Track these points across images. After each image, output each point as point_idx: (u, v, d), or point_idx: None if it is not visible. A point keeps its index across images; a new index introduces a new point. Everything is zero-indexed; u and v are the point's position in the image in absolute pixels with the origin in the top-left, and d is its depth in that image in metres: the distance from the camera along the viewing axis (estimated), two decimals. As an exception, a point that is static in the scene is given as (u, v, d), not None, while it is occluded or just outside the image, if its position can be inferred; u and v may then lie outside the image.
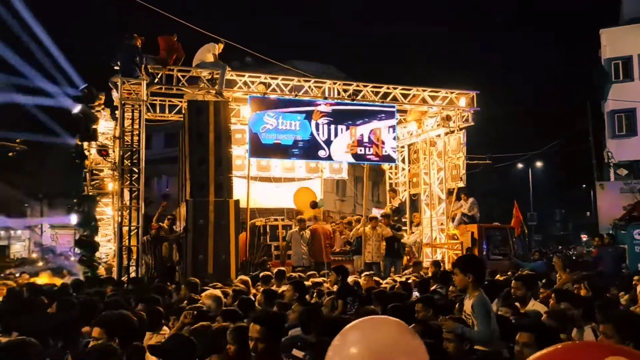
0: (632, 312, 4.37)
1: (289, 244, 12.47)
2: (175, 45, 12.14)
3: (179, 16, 12.46)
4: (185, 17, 12.64)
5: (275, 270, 9.55)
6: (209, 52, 12.30)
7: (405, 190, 16.11)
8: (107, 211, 13.03)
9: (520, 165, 36.92)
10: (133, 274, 10.66)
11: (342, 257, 13.28)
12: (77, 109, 10.60)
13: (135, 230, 10.87)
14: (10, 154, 21.94)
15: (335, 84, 13.12)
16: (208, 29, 12.63)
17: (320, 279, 8.76)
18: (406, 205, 15.98)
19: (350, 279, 8.96)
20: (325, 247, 12.59)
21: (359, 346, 1.63)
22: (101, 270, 11.84)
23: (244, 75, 12.64)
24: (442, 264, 12.17)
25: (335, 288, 7.05)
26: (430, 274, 10.51)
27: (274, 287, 7.67)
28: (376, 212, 19.07)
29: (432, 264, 11.51)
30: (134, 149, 11.11)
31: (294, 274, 10.09)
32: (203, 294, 5.99)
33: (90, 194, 11.59)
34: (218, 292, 6.01)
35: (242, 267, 11.71)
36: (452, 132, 14.10)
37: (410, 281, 8.77)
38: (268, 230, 13.18)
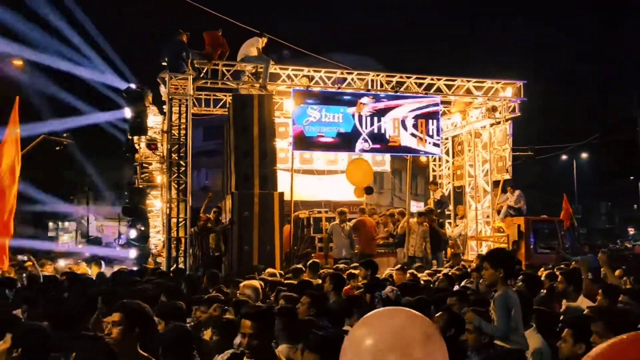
0: (623, 308, 4.20)
1: (330, 236, 12.51)
2: (220, 40, 12.33)
3: (218, 11, 12.65)
4: (224, 11, 12.83)
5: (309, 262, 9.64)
6: (252, 47, 12.43)
7: (449, 183, 15.92)
8: (155, 203, 13.38)
9: (564, 157, 35.87)
10: (182, 265, 10.93)
11: (385, 250, 13.26)
12: (127, 103, 10.90)
13: (183, 222, 11.12)
14: (58, 147, 22.69)
15: (378, 75, 13.05)
16: (245, 23, 12.81)
17: (356, 272, 8.75)
18: (449, 197, 15.78)
19: (389, 272, 9.00)
20: (372, 240, 12.59)
21: (372, 337, 1.58)
22: (150, 261, 12.18)
23: (287, 69, 12.72)
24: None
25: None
26: (474, 267, 10.39)
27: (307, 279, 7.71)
28: (414, 206, 18.98)
29: (477, 258, 11.35)
30: (181, 143, 11.37)
31: (340, 266, 10.20)
32: (242, 284, 6.06)
33: (140, 186, 11.93)
34: (256, 283, 6.03)
35: (286, 258, 11.85)
36: (498, 123, 13.82)
37: (450, 274, 8.66)
38: (312, 222, 13.27)
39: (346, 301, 5.19)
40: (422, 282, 8.04)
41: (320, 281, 7.45)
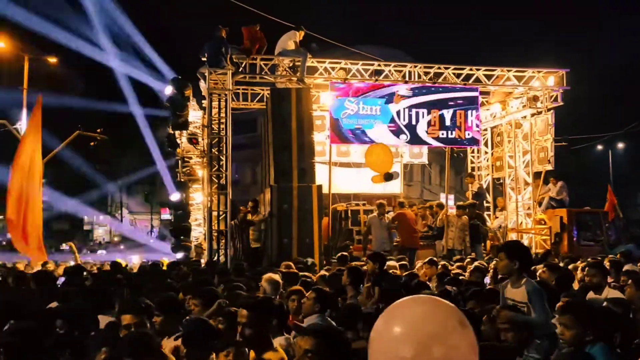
0: (591, 301, 4.11)
1: (369, 228, 12.51)
2: (258, 34, 12.42)
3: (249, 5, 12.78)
4: (255, 5, 12.93)
5: (338, 255, 9.68)
6: (290, 40, 12.49)
7: (487, 175, 15.68)
8: (195, 197, 13.65)
9: (599, 147, 34.83)
10: (222, 257, 11.14)
11: (423, 242, 13.19)
12: (169, 99, 11.14)
13: (224, 214, 11.32)
14: (92, 143, 23.30)
15: (416, 67, 12.93)
16: (271, 15, 12.88)
17: (392, 264, 8.70)
18: (488, 189, 15.56)
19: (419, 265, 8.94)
20: (413, 233, 12.54)
21: (403, 325, 1.57)
22: (192, 253, 12.45)
23: (324, 62, 12.74)
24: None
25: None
26: None
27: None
28: (444, 198, 18.73)
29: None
30: (221, 137, 11.56)
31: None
32: (263, 277, 6.11)
33: (182, 180, 12.20)
34: (276, 276, 6.01)
35: (325, 251, 11.93)
36: (539, 113, 13.52)
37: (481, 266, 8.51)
38: (349, 214, 13.32)
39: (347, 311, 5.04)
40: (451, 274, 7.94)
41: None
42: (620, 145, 36.29)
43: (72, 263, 11.85)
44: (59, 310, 4.51)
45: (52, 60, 21.55)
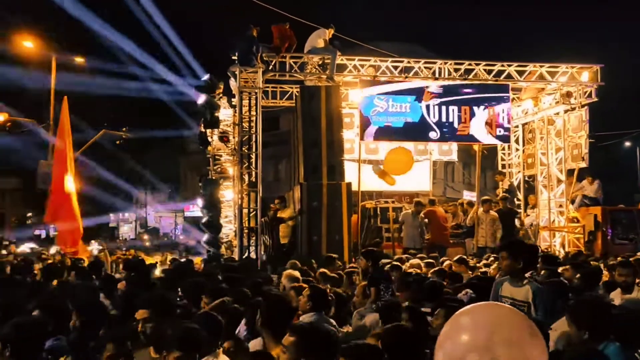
0: (588, 299, 3.97)
1: (401, 225, 12.47)
2: (288, 33, 12.48)
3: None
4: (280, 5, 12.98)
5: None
6: (319, 38, 12.52)
7: (519, 172, 15.46)
8: (225, 194, 13.80)
9: (627, 144, 33.99)
10: (253, 254, 11.26)
11: (454, 240, 13.10)
12: (201, 98, 11.29)
13: (254, 212, 11.43)
14: (118, 141, 23.72)
15: (446, 63, 12.83)
16: (294, 14, 12.93)
17: (415, 261, 8.62)
18: (519, 187, 15.34)
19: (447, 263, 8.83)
20: (444, 230, 12.47)
21: (472, 333, 1.55)
22: (223, 250, 12.62)
23: (353, 59, 12.74)
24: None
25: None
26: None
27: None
28: (467, 195, 18.54)
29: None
30: (251, 134, 11.67)
31: (402, 257, 10.19)
32: (284, 273, 6.11)
33: (214, 177, 12.35)
34: (296, 273, 6.06)
35: (354, 248, 11.94)
36: (573, 109, 13.27)
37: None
38: (379, 212, 13.30)
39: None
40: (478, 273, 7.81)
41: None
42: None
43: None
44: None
45: (80, 60, 22.03)
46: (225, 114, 13.21)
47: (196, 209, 41.04)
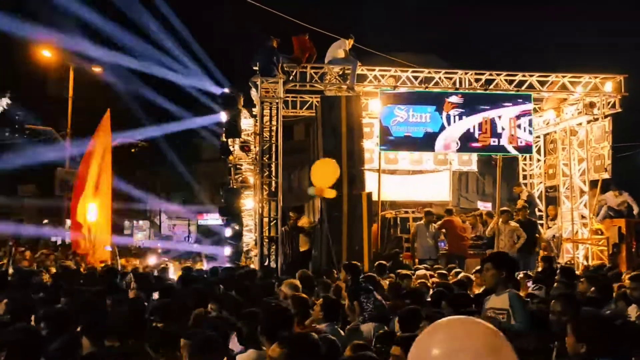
0: (597, 313, 3.87)
1: (415, 236, 12.43)
2: (308, 43, 12.58)
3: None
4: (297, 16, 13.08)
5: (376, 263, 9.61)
6: (339, 49, 12.59)
7: (540, 183, 15.30)
8: (245, 203, 13.88)
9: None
10: (273, 264, 11.29)
11: (474, 251, 13.00)
12: (222, 107, 11.42)
13: (274, 221, 11.48)
14: (133, 150, 24.00)
15: (466, 74, 12.79)
16: (307, 22, 13.03)
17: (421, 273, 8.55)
18: (540, 198, 15.16)
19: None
20: (461, 240, 12.39)
21: (442, 349, 1.53)
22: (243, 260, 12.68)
23: (374, 69, 12.78)
24: (554, 260, 11.30)
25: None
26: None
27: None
28: (482, 206, 18.32)
29: (541, 259, 10.72)
30: (272, 144, 11.75)
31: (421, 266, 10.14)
32: (284, 281, 6.17)
33: (235, 187, 12.44)
34: (297, 282, 6.14)
35: (374, 258, 11.90)
36: (596, 119, 13.12)
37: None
38: (398, 222, 13.27)
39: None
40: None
41: (386, 282, 7.36)
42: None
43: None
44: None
45: (97, 69, 22.41)
46: (246, 123, 13.32)
47: (209, 217, 41.50)
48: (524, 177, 15.79)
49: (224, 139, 12.00)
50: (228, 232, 11.50)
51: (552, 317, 4.54)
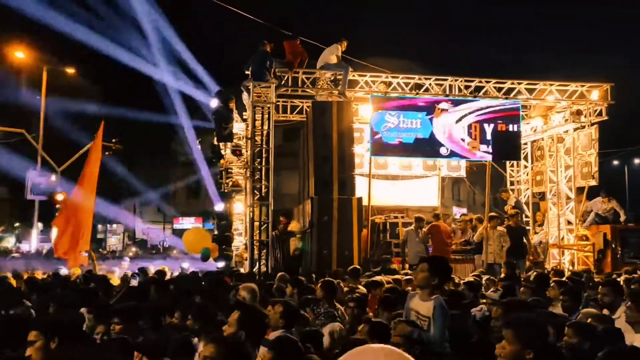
0: (537, 317, 3.85)
1: (405, 242, 12.51)
2: (299, 48, 12.64)
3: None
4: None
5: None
6: (332, 54, 12.66)
7: (527, 189, 15.50)
8: (235, 207, 13.88)
9: (615, 162, 34.22)
10: (263, 267, 11.30)
11: (462, 256, 13.10)
12: (214, 111, 11.41)
13: (265, 225, 11.49)
14: (107, 152, 23.80)
15: (456, 80, 12.94)
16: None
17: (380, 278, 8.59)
18: (527, 204, 15.35)
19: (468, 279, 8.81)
20: (446, 246, 12.49)
21: None
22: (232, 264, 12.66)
23: (365, 75, 12.88)
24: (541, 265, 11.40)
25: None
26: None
27: (349, 285, 7.66)
28: (457, 212, 18.51)
29: (504, 265, 10.66)
30: (263, 148, 11.77)
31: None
32: (241, 286, 6.24)
33: (226, 191, 12.44)
34: (254, 285, 6.15)
35: (363, 263, 11.96)
36: (583, 127, 13.35)
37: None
38: (388, 227, 13.34)
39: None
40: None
41: (362, 287, 7.40)
42: (637, 161, 35.74)
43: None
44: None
45: (71, 71, 22.22)
46: (237, 127, 13.33)
47: (185, 221, 41.17)
48: (511, 183, 15.99)
49: (216, 143, 11.98)
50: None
51: (493, 323, 4.65)
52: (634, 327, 4.56)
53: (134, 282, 8.99)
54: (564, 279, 7.75)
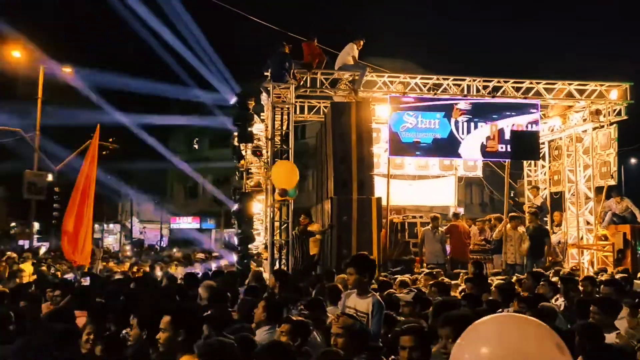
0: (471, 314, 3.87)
1: (422, 241, 12.55)
2: (317, 50, 12.71)
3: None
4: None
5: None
6: (349, 55, 12.71)
7: (545, 189, 15.46)
8: (254, 207, 13.93)
9: (633, 161, 33.99)
10: (284, 266, 11.37)
11: (480, 256, 13.11)
12: (235, 112, 11.51)
13: (285, 225, 11.57)
14: (104, 152, 23.86)
15: (474, 80, 12.95)
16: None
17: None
18: (547, 203, 15.30)
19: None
20: (464, 246, 12.52)
21: (492, 346, 1.46)
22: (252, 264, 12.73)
23: (383, 76, 12.92)
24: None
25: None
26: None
27: None
28: (452, 211, 18.39)
29: (471, 264, 10.52)
30: (283, 149, 11.85)
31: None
32: (202, 284, 6.38)
33: (247, 191, 12.53)
34: (212, 282, 6.46)
35: (383, 263, 12.00)
36: (601, 127, 13.30)
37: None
38: (406, 227, 13.38)
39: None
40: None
41: None
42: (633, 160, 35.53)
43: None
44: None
45: (67, 70, 22.30)
46: (257, 128, 13.43)
47: (182, 221, 41.20)
48: (529, 182, 15.95)
49: (237, 144, 12.08)
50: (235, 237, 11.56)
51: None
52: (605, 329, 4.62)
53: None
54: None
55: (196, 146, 42.46)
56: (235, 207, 11.68)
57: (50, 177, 21.67)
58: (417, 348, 3.45)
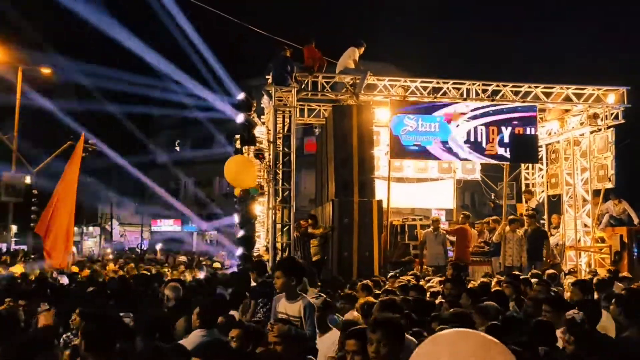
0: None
1: (423, 243, 12.64)
2: (317, 54, 12.81)
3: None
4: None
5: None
6: (350, 59, 12.82)
7: (542, 192, 15.62)
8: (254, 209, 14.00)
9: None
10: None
11: (479, 258, 13.24)
12: (239, 116, 11.59)
13: (287, 227, 11.64)
14: (84, 154, 23.69)
15: (474, 84, 13.08)
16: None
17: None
18: (543, 206, 15.46)
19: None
20: (466, 248, 12.63)
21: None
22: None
23: (383, 79, 13.03)
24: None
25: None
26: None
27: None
28: (436, 214, 18.54)
29: (450, 265, 10.51)
30: (285, 152, 11.93)
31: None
32: (168, 285, 6.44)
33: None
34: (177, 284, 6.51)
35: (384, 265, 12.10)
36: (599, 130, 13.47)
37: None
38: (406, 229, 13.49)
39: None
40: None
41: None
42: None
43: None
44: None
45: (46, 71, 22.22)
46: (259, 131, 13.51)
47: (164, 223, 40.99)
48: (527, 185, 16.10)
49: (239, 146, 12.15)
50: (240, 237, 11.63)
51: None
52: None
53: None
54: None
55: (178, 148, 42.27)
56: (237, 209, 11.73)
57: (28, 180, 21.46)
58: (359, 352, 3.34)
